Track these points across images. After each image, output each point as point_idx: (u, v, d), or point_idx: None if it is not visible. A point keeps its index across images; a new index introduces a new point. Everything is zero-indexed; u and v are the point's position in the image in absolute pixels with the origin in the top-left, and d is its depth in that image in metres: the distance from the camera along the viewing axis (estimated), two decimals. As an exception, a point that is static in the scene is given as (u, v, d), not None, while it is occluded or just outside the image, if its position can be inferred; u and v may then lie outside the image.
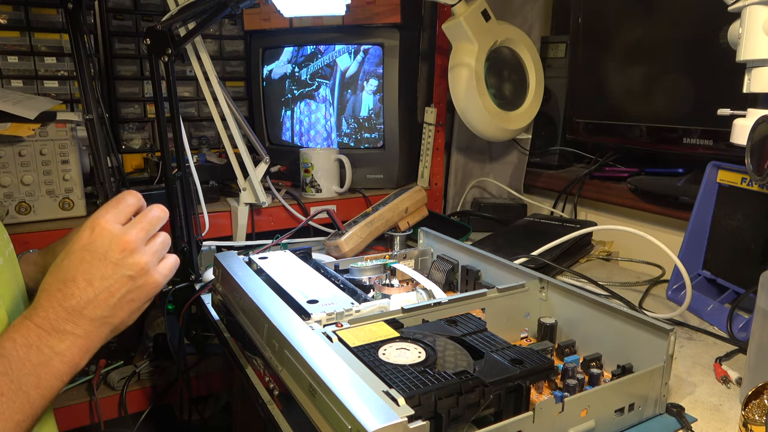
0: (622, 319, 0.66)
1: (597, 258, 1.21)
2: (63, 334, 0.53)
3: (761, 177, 0.62)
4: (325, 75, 1.41)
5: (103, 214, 0.56)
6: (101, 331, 0.55)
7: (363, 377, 0.50)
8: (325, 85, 1.42)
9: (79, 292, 0.53)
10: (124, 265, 0.55)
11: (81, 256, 0.55)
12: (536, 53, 1.27)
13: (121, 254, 0.55)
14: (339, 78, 1.40)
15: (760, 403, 0.55)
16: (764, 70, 0.63)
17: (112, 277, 0.55)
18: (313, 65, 1.42)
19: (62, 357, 0.53)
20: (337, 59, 1.40)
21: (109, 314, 0.55)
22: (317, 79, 1.42)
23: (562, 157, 1.49)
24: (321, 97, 1.43)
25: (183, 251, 1.01)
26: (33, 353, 0.52)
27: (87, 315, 0.54)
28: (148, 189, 1.24)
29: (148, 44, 0.95)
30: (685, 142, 1.09)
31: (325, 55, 1.41)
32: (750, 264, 0.87)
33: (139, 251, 0.56)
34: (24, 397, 0.50)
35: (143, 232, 0.57)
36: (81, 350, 0.54)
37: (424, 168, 1.48)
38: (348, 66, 1.39)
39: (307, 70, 1.43)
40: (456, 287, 0.91)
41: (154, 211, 0.59)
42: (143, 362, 1.21)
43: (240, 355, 0.76)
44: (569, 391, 0.60)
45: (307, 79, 1.43)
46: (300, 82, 1.44)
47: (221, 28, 1.53)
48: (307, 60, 1.42)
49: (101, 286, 0.54)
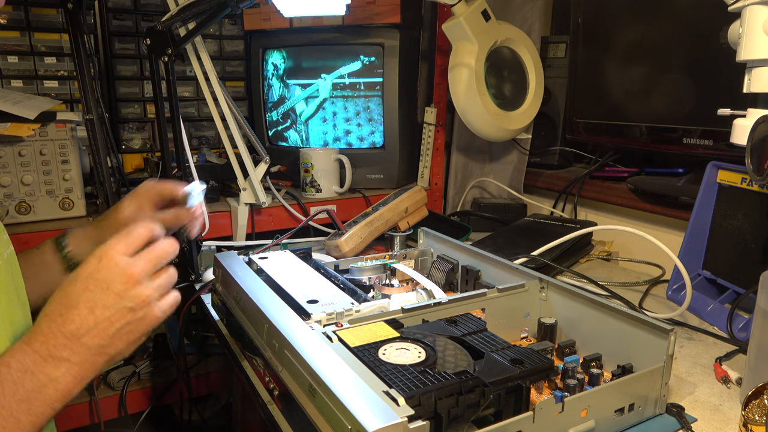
0: (622, 319, 0.66)
1: (597, 258, 1.21)
2: (59, 361, 0.53)
3: (761, 177, 0.62)
4: (325, 74, 1.41)
5: (113, 245, 0.57)
6: (97, 360, 0.55)
7: (363, 377, 0.50)
8: (326, 85, 1.42)
9: (80, 319, 0.54)
10: (126, 297, 0.55)
11: (85, 285, 0.55)
12: (536, 53, 1.27)
13: (125, 286, 0.55)
14: (339, 78, 1.40)
15: (760, 403, 0.55)
16: (764, 70, 0.63)
17: (113, 307, 0.55)
18: (313, 65, 1.42)
19: (56, 384, 0.53)
20: (337, 59, 1.40)
21: (107, 343, 0.55)
22: (317, 79, 1.42)
23: (562, 157, 1.49)
24: (321, 98, 1.43)
25: (183, 251, 1.01)
26: (27, 379, 0.52)
27: (85, 343, 0.54)
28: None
29: (148, 44, 0.95)
30: (685, 142, 1.09)
31: (325, 55, 1.41)
32: (750, 264, 0.87)
33: (143, 284, 0.56)
34: (15, 423, 0.51)
35: (150, 264, 0.57)
36: (75, 378, 0.54)
37: (424, 168, 1.48)
38: (348, 66, 1.39)
39: (307, 70, 1.43)
40: (456, 287, 0.91)
41: (164, 244, 0.59)
42: (143, 362, 1.21)
43: (240, 355, 0.76)
44: (569, 391, 0.60)
45: (307, 79, 1.43)
46: (300, 81, 1.44)
47: (221, 28, 1.53)
48: (307, 60, 1.42)
49: (102, 315, 0.54)
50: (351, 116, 1.42)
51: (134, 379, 1.18)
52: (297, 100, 1.45)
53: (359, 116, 1.41)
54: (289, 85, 1.46)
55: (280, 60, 1.45)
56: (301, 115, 1.46)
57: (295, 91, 1.45)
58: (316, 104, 1.44)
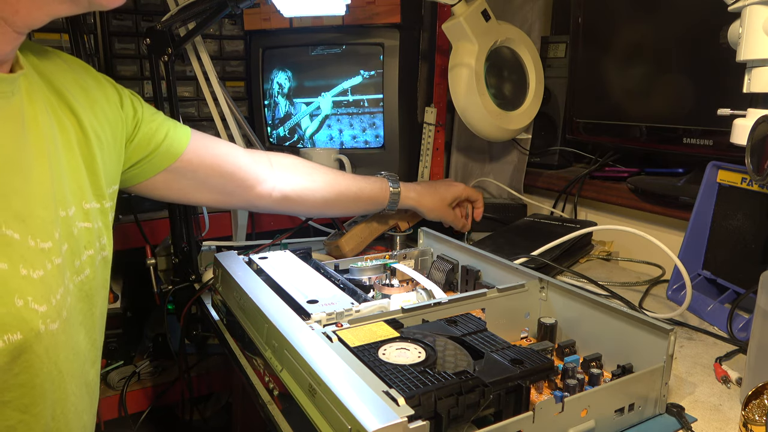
0: (622, 319, 0.66)
1: (597, 258, 1.21)
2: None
3: (761, 177, 0.62)
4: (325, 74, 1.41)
5: None
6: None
7: (363, 377, 0.50)
8: (326, 85, 1.42)
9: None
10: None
11: None
12: (536, 53, 1.27)
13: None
14: (339, 78, 1.40)
15: (760, 403, 0.55)
16: (764, 70, 0.63)
17: None
18: (313, 65, 1.42)
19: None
20: (337, 59, 1.39)
21: None
22: (318, 78, 1.42)
23: (562, 157, 1.49)
24: (321, 97, 1.43)
25: (183, 251, 1.01)
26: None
27: None
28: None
29: (148, 44, 0.95)
30: (685, 142, 1.09)
31: (325, 55, 1.41)
32: (750, 264, 0.87)
33: None
34: None
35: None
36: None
37: (424, 168, 1.48)
38: (348, 66, 1.39)
39: (308, 70, 1.43)
40: (456, 287, 0.91)
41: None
42: (143, 362, 1.21)
43: (240, 355, 0.76)
44: (569, 391, 0.60)
45: (307, 78, 1.43)
46: (300, 81, 1.44)
47: (221, 28, 1.53)
48: (307, 60, 1.42)
49: None
50: (351, 116, 1.42)
51: (134, 379, 1.18)
52: (297, 99, 1.46)
53: (359, 116, 1.41)
54: (289, 85, 1.46)
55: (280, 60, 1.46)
56: (302, 114, 1.46)
57: (295, 91, 1.45)
58: (316, 104, 1.44)
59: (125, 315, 1.24)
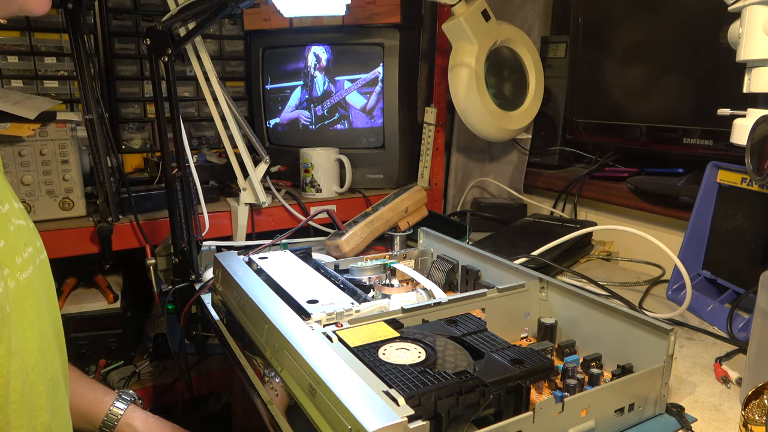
0: (622, 319, 0.66)
1: (597, 258, 1.21)
2: None
3: (761, 177, 0.62)
4: (324, 74, 1.41)
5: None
6: None
7: (363, 377, 0.50)
8: (326, 85, 1.42)
9: None
10: None
11: None
12: (536, 53, 1.27)
13: None
14: (339, 77, 1.40)
15: (760, 403, 0.55)
16: (764, 70, 0.63)
17: None
18: (313, 65, 1.42)
19: None
20: (337, 59, 1.39)
21: None
22: (317, 79, 1.42)
23: (562, 157, 1.49)
24: (321, 98, 1.43)
25: (183, 251, 1.01)
26: None
27: None
28: (148, 189, 1.24)
29: (148, 44, 0.95)
30: (685, 142, 1.09)
31: (325, 55, 1.41)
32: (750, 264, 0.87)
33: None
34: None
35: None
36: None
37: (424, 168, 1.48)
38: (348, 66, 1.39)
39: (308, 70, 1.43)
40: (456, 287, 0.91)
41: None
42: (143, 362, 1.21)
43: (240, 355, 0.76)
44: (569, 391, 0.60)
45: (308, 79, 1.43)
46: (300, 81, 1.44)
47: (221, 28, 1.53)
48: (307, 60, 1.42)
49: None
50: (351, 116, 1.42)
51: (134, 379, 1.18)
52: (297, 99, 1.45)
53: (359, 116, 1.41)
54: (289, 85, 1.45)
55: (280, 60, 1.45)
56: (301, 114, 1.46)
57: (295, 90, 1.45)
58: (316, 104, 1.44)
59: (125, 315, 1.24)
